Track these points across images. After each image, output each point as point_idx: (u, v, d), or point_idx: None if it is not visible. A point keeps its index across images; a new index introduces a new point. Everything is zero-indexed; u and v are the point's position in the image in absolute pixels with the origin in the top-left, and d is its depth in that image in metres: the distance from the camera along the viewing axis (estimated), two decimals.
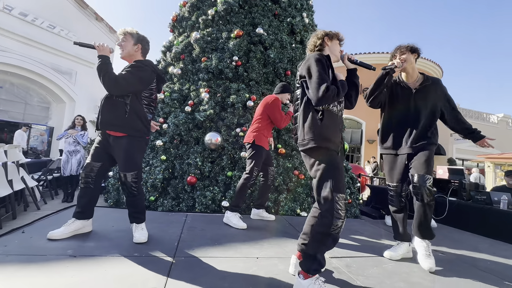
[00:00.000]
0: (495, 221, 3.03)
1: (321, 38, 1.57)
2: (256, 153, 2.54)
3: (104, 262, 1.49)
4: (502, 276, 1.78)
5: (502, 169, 9.37)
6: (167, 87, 4.11)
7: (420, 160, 1.86)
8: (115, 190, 3.66)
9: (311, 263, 1.30)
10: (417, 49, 1.98)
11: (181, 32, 4.66)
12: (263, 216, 2.79)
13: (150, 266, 1.49)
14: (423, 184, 1.78)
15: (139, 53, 1.97)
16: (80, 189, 1.92)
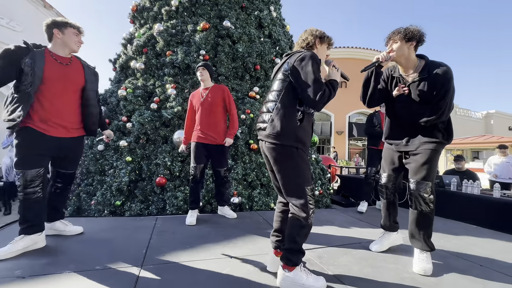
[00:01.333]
0: (447, 202, 3.36)
1: (314, 38, 1.50)
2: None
3: (59, 281, 1.34)
4: (453, 252, 1.97)
5: (452, 153, 10.47)
6: (130, 83, 3.83)
7: (417, 163, 1.64)
8: (75, 196, 3.36)
9: (298, 257, 1.37)
10: (415, 35, 1.58)
11: (143, 24, 4.35)
12: (225, 212, 2.77)
13: (114, 279, 1.38)
14: (418, 192, 1.61)
15: None
16: (22, 202, 1.64)
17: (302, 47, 1.53)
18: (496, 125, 18.56)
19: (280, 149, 1.37)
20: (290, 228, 1.38)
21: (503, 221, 2.79)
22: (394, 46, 1.63)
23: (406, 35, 1.59)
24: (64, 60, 1.75)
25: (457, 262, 1.79)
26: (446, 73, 1.54)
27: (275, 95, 1.43)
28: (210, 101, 2.58)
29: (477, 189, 3.27)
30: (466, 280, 1.55)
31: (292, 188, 1.37)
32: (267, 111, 1.44)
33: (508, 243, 2.24)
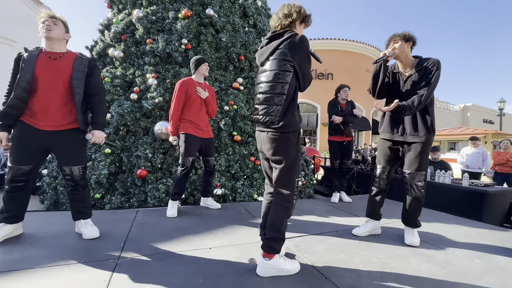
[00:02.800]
0: None
1: (296, 20, 1.44)
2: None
3: (31, 276, 1.31)
4: (424, 238, 2.10)
5: None
6: (108, 72, 3.67)
7: (410, 156, 1.92)
8: (52, 190, 3.25)
9: (280, 244, 1.45)
10: (412, 37, 1.93)
11: (121, 9, 4.14)
12: (208, 204, 2.79)
13: (89, 272, 1.37)
14: (412, 182, 1.91)
15: (66, 42, 1.83)
16: (7, 193, 1.70)
17: (285, 25, 1.45)
18: (472, 117, 19.53)
19: (285, 138, 1.42)
20: (274, 217, 1.43)
21: (469, 208, 3.00)
22: (396, 45, 1.93)
23: (405, 36, 1.92)
24: (54, 55, 1.74)
25: (423, 246, 1.92)
26: (435, 62, 1.85)
27: (282, 87, 1.40)
28: (208, 97, 2.60)
29: (449, 178, 3.47)
30: (428, 262, 1.67)
31: (287, 178, 1.44)
32: (274, 103, 1.41)
33: (471, 228, 2.42)
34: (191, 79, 2.59)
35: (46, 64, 1.68)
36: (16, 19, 8.45)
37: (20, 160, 1.67)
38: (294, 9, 1.44)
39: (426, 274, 1.52)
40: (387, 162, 2.08)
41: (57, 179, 3.32)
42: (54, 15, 1.74)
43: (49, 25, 1.69)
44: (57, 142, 1.73)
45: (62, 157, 1.78)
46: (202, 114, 2.58)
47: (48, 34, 1.69)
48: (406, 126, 1.96)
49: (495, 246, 2.00)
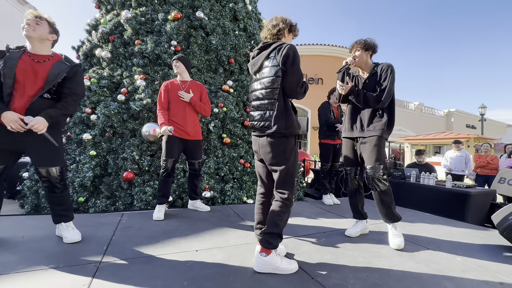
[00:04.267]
0: (406, 192, 3.64)
1: (286, 26, 1.56)
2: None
3: (4, 282, 1.25)
4: (408, 238, 2.14)
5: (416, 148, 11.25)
6: (95, 72, 3.60)
7: (367, 151, 1.97)
8: (33, 194, 3.13)
9: (277, 240, 1.49)
10: (372, 46, 2.02)
11: (109, 10, 4.09)
12: (197, 206, 2.76)
13: (68, 277, 1.32)
14: (374, 175, 1.92)
15: (50, 44, 1.76)
16: None
17: (273, 34, 1.57)
18: (456, 122, 20.24)
19: (283, 142, 1.48)
20: (274, 214, 1.49)
21: (452, 208, 3.09)
22: (357, 53, 2.04)
23: (365, 46, 2.02)
24: (39, 58, 1.68)
25: (407, 246, 1.95)
26: (388, 66, 1.98)
27: (273, 92, 1.48)
28: (193, 98, 2.52)
29: (433, 180, 3.56)
30: (412, 261, 1.70)
31: (288, 179, 1.51)
32: (267, 109, 1.49)
33: (453, 228, 2.49)
34: (174, 80, 2.57)
35: (28, 67, 1.62)
36: (1, 19, 8.20)
37: None
38: (281, 19, 1.57)
39: (409, 271, 1.54)
40: (353, 163, 2.15)
41: (38, 183, 3.20)
42: (39, 14, 1.69)
43: (30, 24, 1.64)
44: (30, 142, 1.64)
45: (36, 158, 1.69)
46: (187, 115, 2.51)
47: (28, 33, 1.63)
48: (364, 123, 2.03)
49: (477, 245, 2.05)
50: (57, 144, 1.72)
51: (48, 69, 1.68)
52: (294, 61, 1.46)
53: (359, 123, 2.07)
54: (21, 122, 1.55)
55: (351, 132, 2.13)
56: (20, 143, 1.63)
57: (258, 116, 1.53)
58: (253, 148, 1.63)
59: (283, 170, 1.48)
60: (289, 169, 1.49)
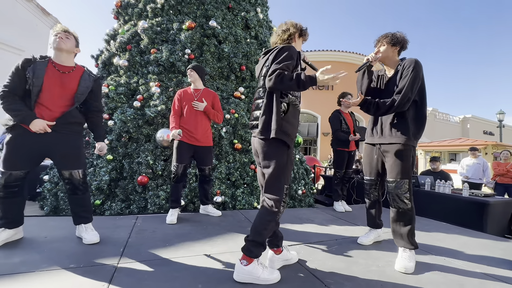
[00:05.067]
0: (420, 200, 3.54)
1: (296, 31, 1.55)
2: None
3: (31, 280, 1.32)
4: (420, 246, 2.09)
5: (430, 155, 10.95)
6: (112, 80, 3.76)
7: (389, 162, 1.74)
8: (53, 196, 3.27)
9: (259, 249, 1.41)
10: (400, 41, 1.76)
11: (127, 20, 4.28)
12: (209, 211, 2.79)
13: (88, 277, 1.37)
14: (394, 191, 1.69)
15: (74, 56, 1.91)
16: (2, 200, 1.68)
17: (283, 40, 1.55)
18: (472, 129, 19.56)
19: (272, 144, 1.43)
20: (258, 221, 1.42)
21: (470, 218, 2.98)
22: (381, 48, 1.81)
23: (392, 40, 1.77)
24: (64, 69, 1.81)
25: (423, 256, 1.90)
26: (410, 62, 1.70)
27: (262, 92, 1.50)
28: (207, 107, 2.59)
29: (449, 188, 3.46)
30: (427, 271, 1.66)
31: (274, 184, 1.43)
32: (256, 109, 1.51)
33: (471, 238, 2.41)
34: (188, 89, 2.65)
35: (54, 77, 1.74)
36: (24, 28, 8.71)
37: (15, 165, 1.67)
38: (291, 24, 1.56)
39: (425, 283, 1.51)
40: (374, 174, 1.94)
41: (58, 185, 3.34)
42: (68, 29, 1.83)
43: (62, 37, 1.78)
44: (54, 146, 1.75)
45: (61, 161, 1.79)
46: (199, 122, 2.57)
47: (59, 45, 1.77)
48: (384, 127, 1.80)
49: (496, 257, 1.98)
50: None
51: (76, 81, 1.82)
52: (280, 54, 1.41)
53: (379, 127, 1.83)
54: (47, 127, 1.67)
55: (371, 138, 1.91)
56: (44, 147, 1.74)
57: (252, 116, 1.55)
58: (252, 150, 1.60)
59: (272, 173, 1.43)
60: (277, 172, 1.42)
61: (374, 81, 1.95)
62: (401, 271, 1.63)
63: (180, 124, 2.55)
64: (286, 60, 1.39)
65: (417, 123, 1.75)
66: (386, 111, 1.75)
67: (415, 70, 1.66)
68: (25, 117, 1.64)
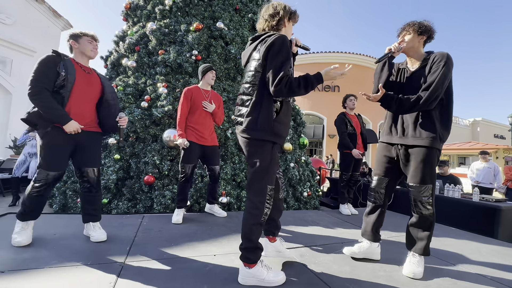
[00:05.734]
0: None
1: (286, 14, 1.41)
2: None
3: (40, 275, 1.34)
4: (432, 252, 2.04)
5: None
6: (121, 80, 3.82)
7: (412, 166, 1.59)
8: (61, 194, 3.33)
9: (256, 254, 1.40)
10: (428, 29, 1.60)
11: (136, 22, 4.35)
12: (215, 211, 2.79)
13: (96, 275, 1.39)
14: (417, 197, 1.57)
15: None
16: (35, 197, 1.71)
17: (272, 26, 1.42)
18: (482, 132, 19.15)
19: (256, 143, 1.36)
20: (244, 227, 1.38)
21: (480, 224, 2.91)
22: (407, 37, 1.64)
23: (420, 28, 1.61)
24: (87, 69, 1.92)
25: (432, 261, 1.86)
26: (442, 56, 1.54)
27: (250, 88, 1.38)
28: (215, 109, 2.62)
29: (458, 193, 3.39)
30: (437, 277, 1.62)
31: (257, 184, 1.38)
32: (242, 105, 1.40)
33: (482, 244, 2.35)
34: (197, 87, 2.63)
35: (83, 76, 1.85)
36: (36, 30, 8.93)
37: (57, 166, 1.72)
38: (279, 7, 1.42)
39: None
40: (385, 173, 1.75)
41: (66, 184, 3.40)
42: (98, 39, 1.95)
43: (96, 48, 1.91)
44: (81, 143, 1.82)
45: (83, 158, 1.86)
46: (206, 121, 2.59)
47: (95, 55, 1.92)
48: (407, 127, 1.63)
49: (508, 264, 1.92)
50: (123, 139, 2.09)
51: (98, 82, 1.93)
52: (277, 53, 1.28)
53: (400, 125, 1.65)
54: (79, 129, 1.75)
55: (389, 137, 1.73)
56: (73, 146, 1.81)
57: (237, 112, 1.45)
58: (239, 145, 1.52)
59: (253, 172, 1.37)
60: (260, 173, 1.36)
61: (393, 75, 1.76)
62: (409, 276, 1.59)
63: (189, 124, 2.55)
64: (286, 61, 1.29)
65: (444, 123, 1.59)
66: (410, 109, 1.57)
67: (447, 65, 1.50)
68: (61, 117, 1.67)
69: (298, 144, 4.31)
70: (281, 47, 1.29)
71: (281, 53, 1.29)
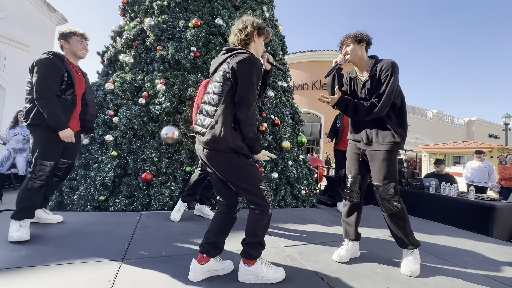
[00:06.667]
0: (425, 203, 3.51)
1: (254, 30, 1.42)
2: None
3: (38, 273, 1.32)
4: (426, 249, 2.07)
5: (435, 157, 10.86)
6: (118, 76, 3.76)
7: (375, 167, 1.69)
8: (57, 191, 3.28)
9: (258, 250, 1.41)
10: (364, 37, 1.73)
11: (133, 17, 4.28)
12: (204, 213, 2.74)
13: (94, 272, 1.38)
14: (383, 196, 1.66)
15: None
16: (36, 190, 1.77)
17: (241, 40, 1.43)
18: (477, 132, 19.38)
19: (221, 156, 1.33)
20: (251, 223, 1.39)
21: (475, 222, 2.95)
22: (349, 48, 1.74)
23: (357, 38, 1.73)
24: (77, 69, 1.95)
25: (429, 259, 1.88)
26: (388, 66, 1.64)
27: (216, 99, 1.35)
28: None
29: (454, 191, 3.43)
30: (435, 274, 1.64)
31: (247, 188, 1.36)
32: (207, 115, 1.37)
33: (478, 242, 2.38)
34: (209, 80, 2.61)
35: (77, 75, 1.89)
36: (31, 24, 8.76)
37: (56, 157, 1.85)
38: (248, 22, 1.44)
39: (432, 287, 1.49)
40: (359, 170, 1.82)
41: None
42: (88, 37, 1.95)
43: (86, 48, 1.93)
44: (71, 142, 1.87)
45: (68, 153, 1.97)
46: None
47: (85, 55, 1.93)
48: (370, 134, 1.73)
49: (504, 262, 1.95)
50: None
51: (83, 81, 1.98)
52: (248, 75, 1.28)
53: (364, 133, 1.75)
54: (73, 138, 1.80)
55: (353, 135, 1.85)
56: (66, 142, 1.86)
57: (199, 121, 1.41)
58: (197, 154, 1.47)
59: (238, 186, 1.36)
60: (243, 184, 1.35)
61: (346, 84, 1.88)
62: (406, 274, 1.61)
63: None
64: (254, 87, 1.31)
65: (401, 124, 1.71)
66: (365, 115, 1.67)
67: (394, 74, 1.62)
68: (60, 125, 1.73)
69: (296, 142, 4.31)
70: (251, 70, 1.30)
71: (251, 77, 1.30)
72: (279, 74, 4.39)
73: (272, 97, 4.01)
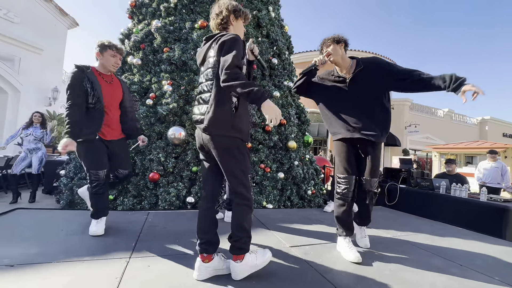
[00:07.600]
0: (435, 204, 3.43)
1: (229, 13, 1.41)
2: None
3: (48, 270, 1.37)
4: (436, 251, 2.03)
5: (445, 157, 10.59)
6: (126, 78, 3.84)
7: (369, 164, 1.81)
8: (68, 190, 3.38)
9: (247, 243, 1.41)
10: (342, 38, 1.86)
11: (141, 20, 4.36)
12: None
13: (102, 269, 1.41)
14: (372, 190, 1.84)
15: None
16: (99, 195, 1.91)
17: (218, 24, 1.43)
18: (491, 131, 18.78)
19: (219, 140, 1.34)
20: (238, 217, 1.38)
21: (488, 224, 2.87)
22: (329, 48, 1.84)
23: (335, 39, 1.86)
24: (108, 78, 2.00)
25: (438, 261, 1.84)
26: (376, 58, 1.86)
27: (209, 84, 1.36)
28: None
29: (465, 192, 3.34)
30: (444, 277, 1.60)
31: (238, 176, 1.36)
32: (203, 102, 1.38)
33: (490, 245, 2.31)
34: None
35: (106, 87, 1.94)
36: (43, 28, 9.02)
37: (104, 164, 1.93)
38: (223, 6, 1.43)
39: None
40: (353, 171, 1.84)
41: (73, 180, 3.45)
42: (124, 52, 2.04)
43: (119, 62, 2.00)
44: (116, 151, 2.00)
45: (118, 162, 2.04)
46: None
47: (115, 69, 2.01)
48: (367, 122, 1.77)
49: None
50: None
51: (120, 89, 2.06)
52: (228, 49, 1.27)
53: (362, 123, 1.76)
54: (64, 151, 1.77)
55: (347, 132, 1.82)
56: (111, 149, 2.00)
57: (196, 110, 1.42)
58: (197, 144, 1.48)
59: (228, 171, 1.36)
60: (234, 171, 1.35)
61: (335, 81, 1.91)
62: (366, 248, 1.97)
63: None
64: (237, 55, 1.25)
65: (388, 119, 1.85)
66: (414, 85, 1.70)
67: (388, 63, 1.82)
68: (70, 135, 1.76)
69: (303, 142, 4.29)
70: (232, 44, 1.30)
71: (233, 48, 1.28)
72: (284, 74, 4.38)
73: (278, 97, 4.01)
